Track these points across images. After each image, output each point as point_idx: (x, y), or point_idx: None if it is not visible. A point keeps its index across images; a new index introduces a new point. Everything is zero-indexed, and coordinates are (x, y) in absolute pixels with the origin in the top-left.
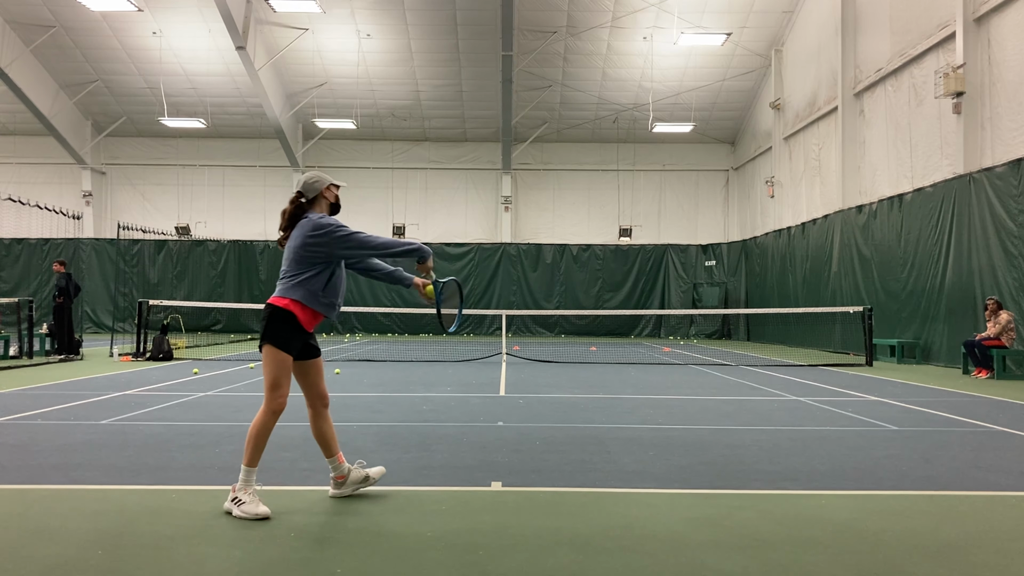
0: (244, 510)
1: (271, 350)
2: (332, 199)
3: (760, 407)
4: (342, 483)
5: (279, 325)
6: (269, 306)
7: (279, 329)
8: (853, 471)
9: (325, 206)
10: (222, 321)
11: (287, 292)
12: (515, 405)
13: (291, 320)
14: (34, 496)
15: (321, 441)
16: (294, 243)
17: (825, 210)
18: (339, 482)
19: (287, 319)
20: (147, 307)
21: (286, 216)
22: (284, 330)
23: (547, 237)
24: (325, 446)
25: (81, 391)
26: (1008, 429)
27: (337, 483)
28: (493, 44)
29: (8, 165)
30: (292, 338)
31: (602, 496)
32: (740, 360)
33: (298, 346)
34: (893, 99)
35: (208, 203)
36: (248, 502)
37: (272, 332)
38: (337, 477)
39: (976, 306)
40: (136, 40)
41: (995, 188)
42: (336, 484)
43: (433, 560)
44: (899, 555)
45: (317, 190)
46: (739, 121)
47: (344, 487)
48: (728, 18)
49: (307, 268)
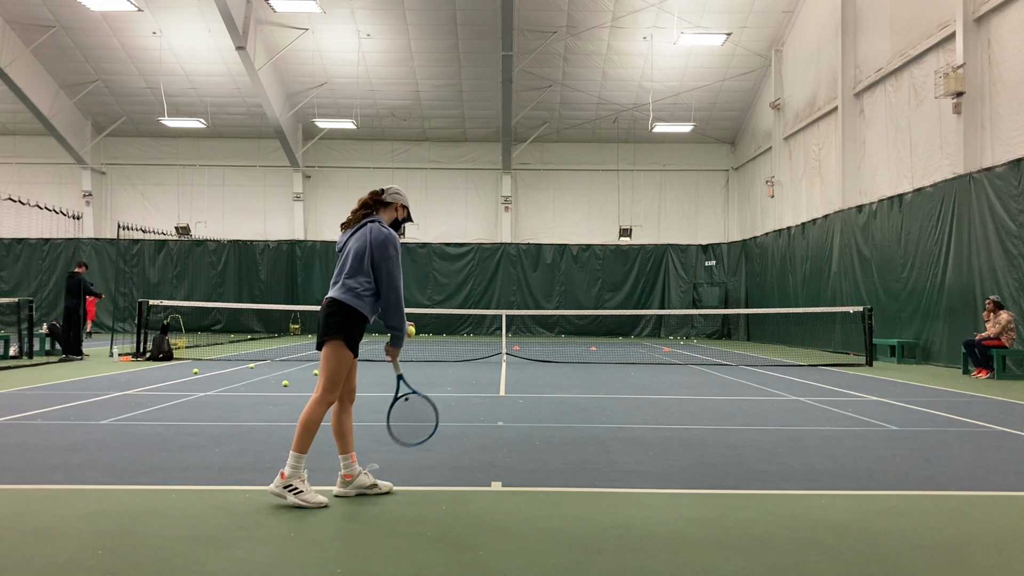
0: (303, 499)
1: (340, 347)
2: (401, 216)
3: (760, 407)
4: (348, 482)
5: (354, 326)
6: (342, 305)
7: (353, 329)
8: (853, 471)
9: (390, 218)
10: (222, 321)
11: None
12: (515, 405)
13: (362, 324)
14: (34, 496)
15: (339, 436)
16: (358, 244)
17: (825, 210)
18: (346, 481)
19: (360, 322)
20: (147, 307)
21: (360, 203)
22: (356, 331)
23: (547, 237)
24: (342, 441)
25: (81, 391)
26: (1008, 429)
27: (344, 481)
28: (493, 44)
29: (8, 165)
30: (358, 338)
31: (602, 496)
32: (740, 360)
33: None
34: (893, 99)
35: (208, 203)
36: (305, 491)
37: (346, 330)
38: (345, 476)
39: (976, 306)
40: (136, 40)
41: (995, 188)
42: (343, 482)
43: (433, 560)
44: (899, 555)
45: (396, 200)
46: (739, 121)
47: (349, 488)
48: (728, 18)
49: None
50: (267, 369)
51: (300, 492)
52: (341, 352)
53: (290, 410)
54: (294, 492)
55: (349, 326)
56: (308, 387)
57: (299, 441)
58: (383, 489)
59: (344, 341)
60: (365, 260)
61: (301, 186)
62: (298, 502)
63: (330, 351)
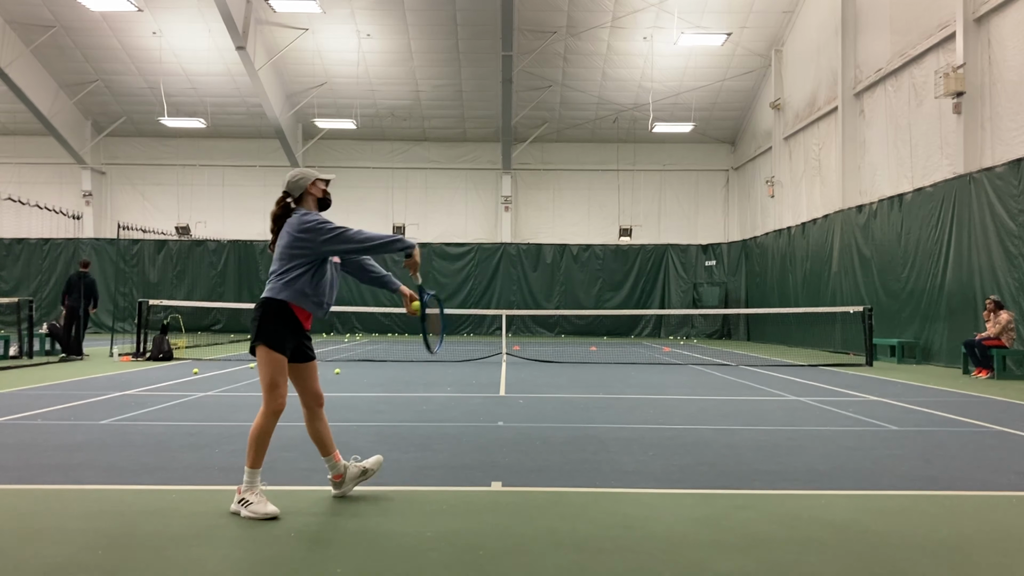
0: (252, 510)
1: (264, 351)
2: (319, 194)
3: (760, 407)
4: (340, 482)
5: (271, 323)
6: (260, 302)
7: (271, 327)
8: (853, 471)
9: (312, 203)
10: (222, 321)
11: (276, 291)
12: (515, 405)
13: (283, 313)
14: (34, 496)
15: (317, 441)
16: (282, 241)
17: (825, 210)
18: (337, 482)
19: (280, 312)
20: (147, 307)
21: (273, 218)
22: (277, 327)
23: (547, 237)
24: (321, 445)
25: (81, 391)
26: (1008, 429)
27: (336, 483)
28: (493, 44)
29: (8, 165)
30: (285, 337)
31: (602, 496)
32: (740, 360)
33: (291, 345)
34: (893, 99)
35: (208, 203)
36: (256, 502)
37: (265, 332)
38: (335, 477)
39: (976, 306)
40: (136, 40)
41: (995, 188)
42: (335, 484)
43: (433, 560)
44: (899, 555)
45: (302, 187)
46: (739, 121)
47: (344, 486)
48: (728, 18)
49: (295, 266)
50: None
51: (250, 504)
52: (267, 355)
53: (290, 410)
54: (245, 505)
55: (269, 327)
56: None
57: (251, 456)
58: (374, 467)
59: (265, 344)
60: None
61: None
62: (248, 514)
63: (258, 358)
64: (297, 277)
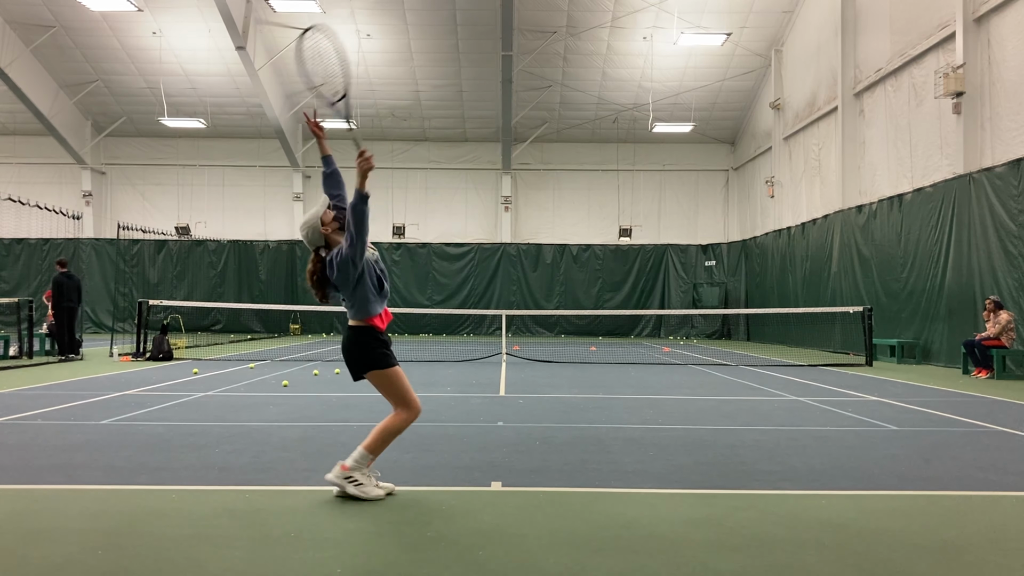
0: (363, 491)
1: (377, 374)
2: (335, 226)
3: (760, 407)
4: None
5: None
6: (350, 333)
7: (373, 352)
8: (853, 471)
9: (334, 234)
10: (222, 321)
11: (358, 314)
12: (515, 405)
13: (372, 332)
14: (34, 496)
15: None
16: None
17: (825, 210)
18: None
19: (370, 333)
20: (147, 307)
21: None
22: (376, 348)
23: (547, 237)
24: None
25: (81, 391)
26: (1008, 429)
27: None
28: (493, 44)
29: (8, 165)
30: (387, 351)
31: (602, 496)
32: (740, 360)
33: (392, 354)
34: (893, 99)
35: (208, 203)
36: (366, 483)
37: (369, 358)
38: (344, 467)
39: (976, 306)
40: (136, 40)
41: (995, 188)
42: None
43: (433, 560)
44: (899, 555)
45: (320, 233)
46: (739, 121)
47: (336, 478)
48: (728, 18)
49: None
50: (267, 369)
51: (360, 484)
52: (382, 376)
53: (290, 410)
54: (355, 484)
55: (369, 352)
56: (309, 387)
57: (374, 442)
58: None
59: (376, 367)
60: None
61: (301, 186)
62: (356, 493)
63: (376, 382)
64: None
